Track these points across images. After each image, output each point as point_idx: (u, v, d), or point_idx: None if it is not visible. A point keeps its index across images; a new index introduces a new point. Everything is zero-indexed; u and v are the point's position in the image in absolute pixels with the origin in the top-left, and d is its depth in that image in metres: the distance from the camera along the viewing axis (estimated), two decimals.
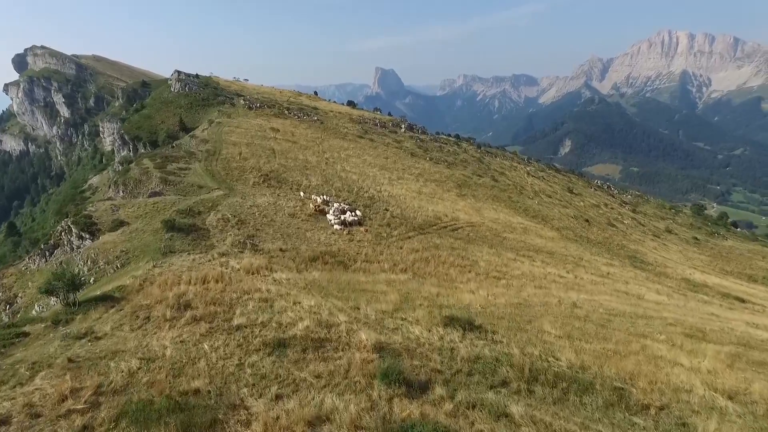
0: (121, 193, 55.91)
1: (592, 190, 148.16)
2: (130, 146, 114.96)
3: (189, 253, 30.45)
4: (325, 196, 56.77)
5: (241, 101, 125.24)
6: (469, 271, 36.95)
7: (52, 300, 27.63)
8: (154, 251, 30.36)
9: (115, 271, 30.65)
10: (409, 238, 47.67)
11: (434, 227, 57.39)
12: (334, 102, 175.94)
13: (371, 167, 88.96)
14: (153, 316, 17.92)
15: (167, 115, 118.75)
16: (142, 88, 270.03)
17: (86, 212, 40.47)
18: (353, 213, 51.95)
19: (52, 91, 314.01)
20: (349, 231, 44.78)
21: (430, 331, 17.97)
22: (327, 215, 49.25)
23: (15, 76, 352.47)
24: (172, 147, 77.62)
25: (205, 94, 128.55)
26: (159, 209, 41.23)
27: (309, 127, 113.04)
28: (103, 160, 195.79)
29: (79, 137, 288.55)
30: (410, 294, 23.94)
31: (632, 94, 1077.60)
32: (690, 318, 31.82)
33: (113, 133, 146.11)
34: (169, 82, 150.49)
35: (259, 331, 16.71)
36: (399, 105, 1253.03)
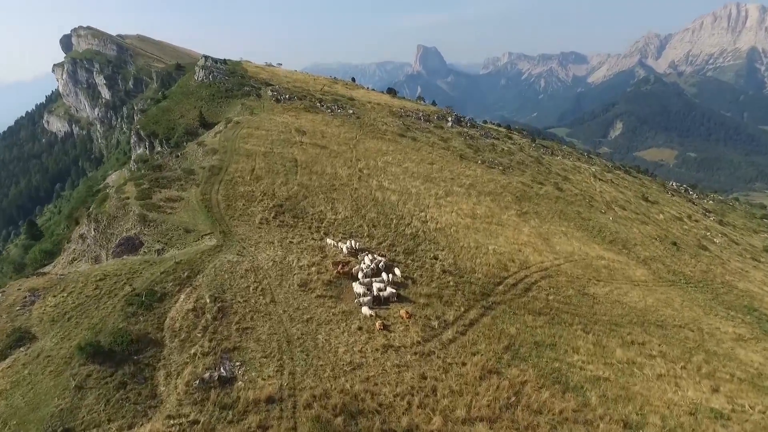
0: (93, 232, 43.35)
1: (669, 195, 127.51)
2: (146, 143, 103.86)
3: None
4: (353, 241, 42.34)
5: (269, 92, 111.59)
6: None
7: None
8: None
9: None
10: (472, 324, 32.68)
11: (501, 287, 42.13)
12: (373, 90, 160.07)
13: (414, 179, 73.76)
14: None
15: (187, 107, 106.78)
16: (176, 71, 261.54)
17: None
18: (390, 275, 37.30)
19: (94, 73, 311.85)
20: (383, 321, 30.21)
21: None
22: (354, 283, 34.78)
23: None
24: (177, 157, 64.92)
25: (230, 84, 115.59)
26: (102, 294, 28.01)
27: (342, 123, 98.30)
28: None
29: (118, 120, 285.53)
30: None
31: (691, 73, 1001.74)
32: None
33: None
34: (196, 68, 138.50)
35: None
36: (441, 84, 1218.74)
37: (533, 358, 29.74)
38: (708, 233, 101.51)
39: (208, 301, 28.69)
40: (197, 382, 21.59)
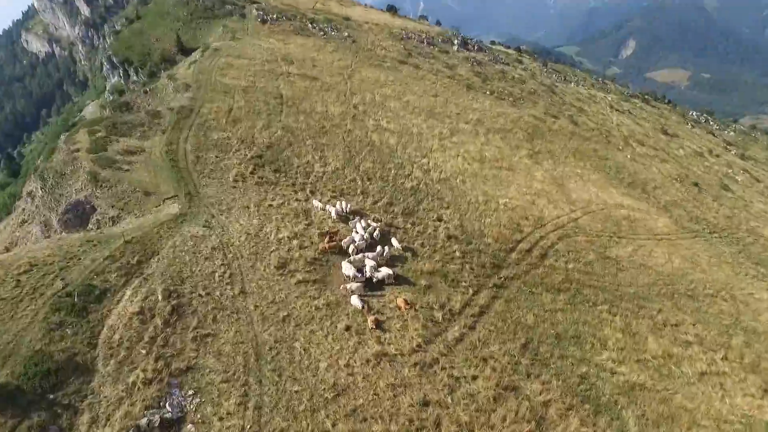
0: (40, 191, 37.20)
1: (689, 126, 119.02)
2: (120, 71, 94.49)
3: None
4: (343, 202, 36.33)
5: (254, 11, 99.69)
6: None
7: None
8: None
9: None
10: (483, 313, 27.58)
11: (513, 254, 36.76)
12: (372, 8, 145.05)
13: (415, 115, 66.16)
14: None
15: (163, 30, 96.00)
16: None
17: None
18: (387, 247, 31.68)
19: None
20: (377, 317, 24.97)
21: None
22: (343, 262, 29.23)
23: None
24: (146, 92, 57.11)
25: (211, 2, 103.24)
26: (23, 295, 22.17)
27: (336, 49, 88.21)
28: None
29: (100, 39, 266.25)
30: None
31: None
32: None
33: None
34: None
35: None
36: None
37: (555, 360, 24.85)
38: (730, 170, 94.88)
39: (160, 298, 23.25)
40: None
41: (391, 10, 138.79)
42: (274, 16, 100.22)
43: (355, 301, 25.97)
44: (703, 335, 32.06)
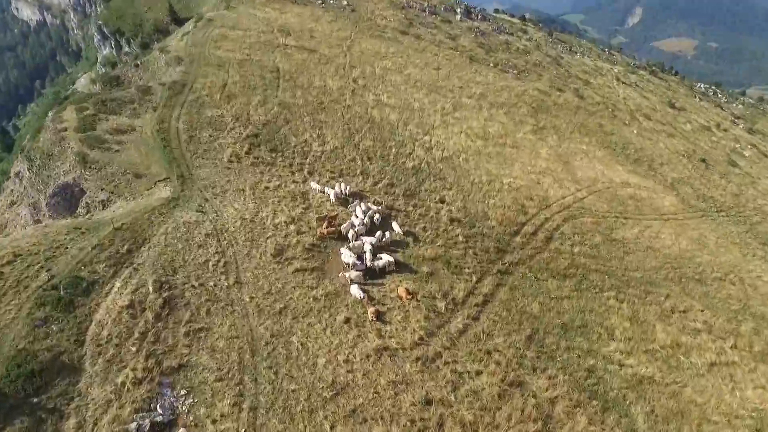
0: (27, 172, 35.83)
1: (697, 99, 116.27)
2: (112, 42, 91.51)
3: None
4: (343, 184, 35.01)
5: None
6: None
7: None
8: None
9: None
10: (486, 303, 26.70)
11: (518, 237, 35.70)
12: None
13: (417, 89, 64.10)
14: None
15: None
16: None
17: None
18: (387, 232, 30.56)
19: None
20: (377, 308, 24.03)
21: None
22: (342, 249, 28.14)
23: None
24: (137, 66, 54.99)
25: None
26: (7, 288, 21.15)
27: (335, 18, 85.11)
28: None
29: (92, 7, 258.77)
30: None
31: None
32: None
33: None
34: None
35: None
36: None
37: (562, 352, 24.08)
38: (737, 145, 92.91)
39: (151, 290, 22.25)
40: None
41: None
42: None
43: (355, 290, 24.99)
44: (711, 322, 31.27)
